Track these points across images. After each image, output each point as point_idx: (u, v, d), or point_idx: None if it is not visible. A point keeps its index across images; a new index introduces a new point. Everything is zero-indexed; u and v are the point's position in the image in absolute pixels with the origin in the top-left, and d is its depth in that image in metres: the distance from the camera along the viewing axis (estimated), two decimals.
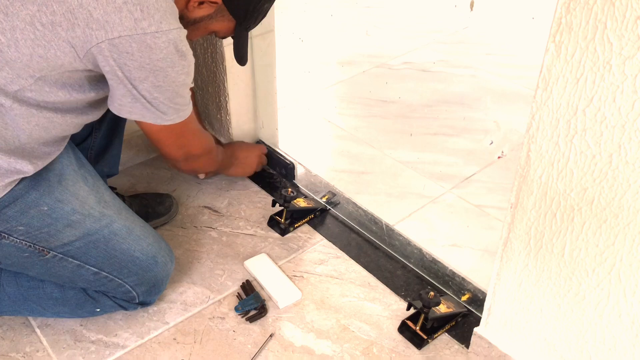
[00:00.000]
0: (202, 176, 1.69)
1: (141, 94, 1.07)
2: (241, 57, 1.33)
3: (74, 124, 1.14)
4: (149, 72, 1.04)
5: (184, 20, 1.15)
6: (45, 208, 1.12)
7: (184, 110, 1.18)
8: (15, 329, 1.30)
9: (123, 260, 1.22)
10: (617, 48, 0.76)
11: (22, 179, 1.10)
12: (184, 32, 1.07)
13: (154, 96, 1.09)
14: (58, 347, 1.27)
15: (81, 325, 1.31)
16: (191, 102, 1.21)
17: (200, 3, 1.14)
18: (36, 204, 1.12)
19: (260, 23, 1.27)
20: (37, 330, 1.30)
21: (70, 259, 1.18)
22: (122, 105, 1.10)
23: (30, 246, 1.14)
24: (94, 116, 1.17)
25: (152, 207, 1.54)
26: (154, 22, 1.00)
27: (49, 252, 1.16)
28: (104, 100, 1.15)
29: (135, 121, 1.17)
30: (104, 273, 1.22)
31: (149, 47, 1.01)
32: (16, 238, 1.12)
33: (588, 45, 0.79)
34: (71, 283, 1.25)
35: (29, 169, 1.08)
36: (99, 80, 1.09)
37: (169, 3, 1.04)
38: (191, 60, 1.11)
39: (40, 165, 1.12)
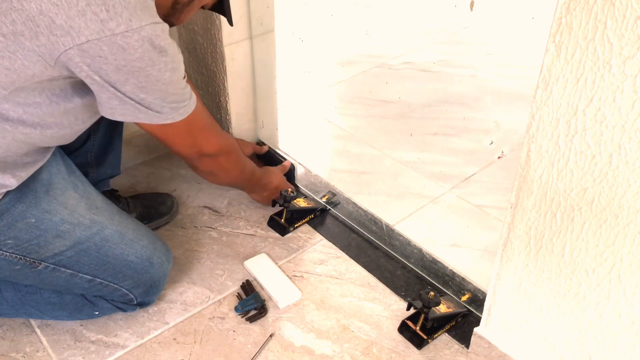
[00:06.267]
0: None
1: (127, 96, 0.99)
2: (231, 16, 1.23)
3: (58, 137, 1.09)
4: (128, 73, 0.96)
5: (179, 5, 1.08)
6: (33, 220, 1.10)
7: (184, 107, 1.09)
8: (15, 329, 1.30)
9: (117, 266, 1.20)
10: (617, 48, 0.76)
11: (7, 192, 1.07)
12: (160, 25, 0.98)
13: (140, 97, 1.01)
14: (58, 347, 1.27)
15: (81, 325, 1.31)
16: (194, 96, 1.12)
17: None
18: (23, 217, 1.09)
19: None
20: (37, 331, 1.30)
21: (63, 269, 1.16)
22: (112, 108, 1.02)
23: (20, 259, 1.12)
24: (77, 128, 1.10)
25: (155, 208, 1.54)
26: (122, 21, 0.91)
27: (40, 264, 1.14)
28: (89, 110, 1.07)
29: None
30: (99, 279, 1.20)
31: (122, 48, 0.93)
32: (5, 252, 1.10)
33: (588, 45, 0.79)
34: (67, 290, 1.24)
35: (11, 182, 1.06)
36: (83, 85, 1.01)
37: None
38: (174, 54, 1.01)
39: (24, 176, 1.08)
